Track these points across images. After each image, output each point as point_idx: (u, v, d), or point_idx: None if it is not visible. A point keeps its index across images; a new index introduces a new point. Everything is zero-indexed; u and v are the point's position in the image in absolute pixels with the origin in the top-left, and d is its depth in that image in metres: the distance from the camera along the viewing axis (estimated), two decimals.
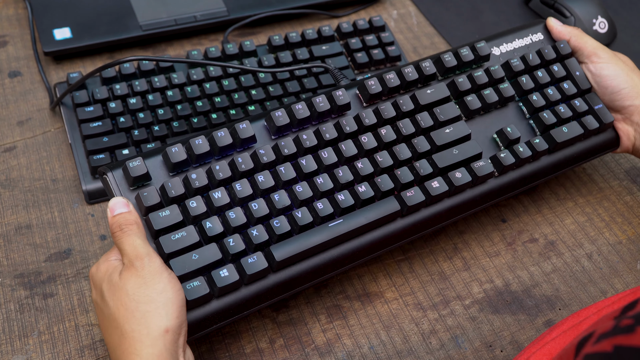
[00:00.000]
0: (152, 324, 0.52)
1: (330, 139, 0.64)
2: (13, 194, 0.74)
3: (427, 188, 0.64)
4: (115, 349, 0.53)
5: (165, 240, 0.57)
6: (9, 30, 0.91)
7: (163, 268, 0.55)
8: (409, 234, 0.65)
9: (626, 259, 0.73)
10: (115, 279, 0.55)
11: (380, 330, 0.66)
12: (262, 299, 0.59)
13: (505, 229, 0.75)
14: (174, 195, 0.59)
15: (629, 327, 0.39)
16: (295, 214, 0.60)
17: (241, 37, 0.93)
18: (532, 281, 0.71)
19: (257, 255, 0.58)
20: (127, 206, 0.58)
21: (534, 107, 0.72)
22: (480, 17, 1.00)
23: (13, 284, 0.67)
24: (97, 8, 0.90)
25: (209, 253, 0.58)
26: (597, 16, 0.96)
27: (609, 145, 0.74)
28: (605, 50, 0.75)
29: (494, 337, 0.66)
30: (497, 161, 0.68)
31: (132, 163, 0.59)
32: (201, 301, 0.57)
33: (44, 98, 0.83)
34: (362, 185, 0.63)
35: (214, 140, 0.61)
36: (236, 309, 0.59)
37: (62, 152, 0.78)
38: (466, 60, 0.71)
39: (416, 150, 0.66)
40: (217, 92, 0.80)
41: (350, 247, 0.62)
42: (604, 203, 0.78)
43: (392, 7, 1.00)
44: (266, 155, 0.62)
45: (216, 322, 0.58)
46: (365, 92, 0.67)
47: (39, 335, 0.64)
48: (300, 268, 0.60)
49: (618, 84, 0.73)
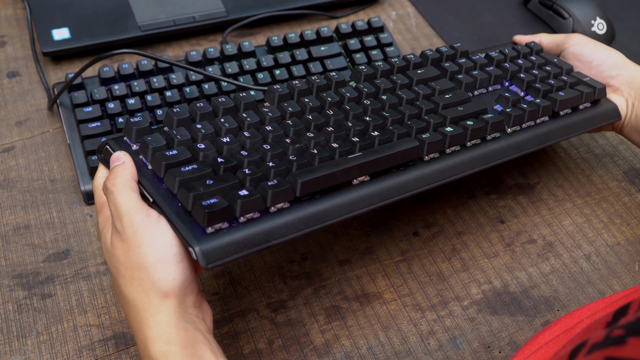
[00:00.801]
0: (150, 290, 0.50)
1: (333, 102, 0.64)
2: (11, 195, 0.74)
3: (442, 131, 0.64)
4: (128, 315, 0.52)
5: (174, 171, 0.53)
6: (8, 30, 0.91)
7: (145, 224, 0.50)
8: (433, 180, 0.62)
9: (624, 260, 0.73)
10: (108, 244, 0.52)
11: (378, 331, 0.66)
12: (289, 228, 0.54)
13: (504, 230, 0.75)
14: (180, 139, 0.56)
15: (620, 337, 0.39)
16: (311, 151, 0.58)
17: (240, 38, 0.93)
18: (531, 282, 0.71)
19: (277, 180, 0.54)
20: (120, 159, 0.54)
21: (526, 82, 0.73)
22: (478, 18, 1.00)
23: (11, 284, 0.67)
24: (95, 8, 0.90)
25: (225, 177, 0.54)
26: (595, 17, 0.96)
27: (611, 115, 0.74)
28: (576, 34, 0.78)
29: (493, 338, 0.66)
30: (507, 114, 0.68)
31: (134, 119, 0.57)
32: (223, 216, 0.51)
33: (43, 98, 0.83)
34: (376, 131, 0.62)
35: (216, 104, 0.60)
36: (262, 237, 0.53)
37: (61, 153, 0.78)
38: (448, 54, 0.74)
39: (422, 108, 0.66)
40: (215, 92, 0.80)
41: (375, 188, 0.59)
42: (602, 204, 0.78)
43: (391, 8, 1.00)
44: (271, 112, 0.61)
45: (241, 249, 0.52)
46: (359, 75, 0.68)
47: (37, 335, 0.64)
48: (326, 203, 0.56)
49: (602, 55, 0.75)
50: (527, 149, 0.69)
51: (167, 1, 0.92)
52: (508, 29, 0.98)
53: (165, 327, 0.49)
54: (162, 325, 0.49)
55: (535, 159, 0.82)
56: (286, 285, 0.69)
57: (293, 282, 0.69)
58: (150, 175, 0.55)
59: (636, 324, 0.40)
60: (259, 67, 0.83)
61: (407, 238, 0.74)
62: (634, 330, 0.39)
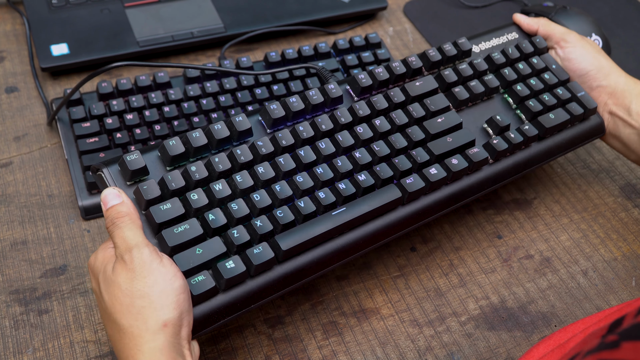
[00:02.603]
0: (149, 319, 0.51)
1: (326, 130, 0.65)
2: (9, 210, 0.74)
3: (426, 174, 0.65)
4: (117, 343, 0.52)
5: (168, 233, 0.56)
6: (7, 45, 0.91)
7: (152, 257, 0.53)
8: (411, 222, 0.65)
9: (621, 275, 0.73)
10: (109, 272, 0.53)
11: (376, 347, 0.66)
12: (268, 291, 0.59)
13: (501, 245, 0.75)
14: (175, 187, 0.58)
15: (614, 342, 0.39)
16: (297, 204, 0.60)
17: (238, 54, 0.94)
18: (528, 297, 0.71)
19: (262, 246, 0.58)
20: (119, 197, 0.56)
21: (519, 97, 0.74)
22: (475, 33, 1.00)
23: (8, 300, 0.67)
24: (94, 24, 0.90)
25: (214, 246, 0.57)
26: (591, 34, 0.96)
27: (595, 132, 0.75)
28: (572, 34, 0.78)
29: (490, 353, 0.66)
30: (491, 147, 0.69)
31: (129, 157, 0.58)
32: (207, 295, 0.56)
33: (41, 114, 0.83)
34: (362, 174, 0.63)
35: (211, 134, 0.61)
36: (243, 303, 0.58)
37: (59, 168, 0.78)
38: (450, 54, 0.74)
39: (411, 139, 0.67)
40: (213, 108, 0.80)
41: (354, 237, 0.62)
42: (599, 220, 0.78)
43: (388, 24, 1.01)
44: (264, 147, 0.62)
45: (223, 317, 0.57)
46: (356, 85, 0.69)
47: (34, 351, 0.63)
48: (306, 258, 0.60)
49: (585, 66, 0.75)
50: (505, 179, 0.71)
51: (166, 17, 0.92)
52: None
53: (158, 355, 0.50)
54: (155, 353, 0.50)
55: (532, 174, 0.83)
56: (283, 301, 0.69)
57: (290, 298, 0.69)
58: (142, 220, 0.58)
59: (630, 329, 0.40)
60: (256, 83, 0.84)
61: (405, 253, 0.74)
62: (628, 335, 0.39)
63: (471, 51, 0.75)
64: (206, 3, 0.95)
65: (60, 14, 0.91)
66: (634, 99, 0.73)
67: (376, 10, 1.00)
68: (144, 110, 0.79)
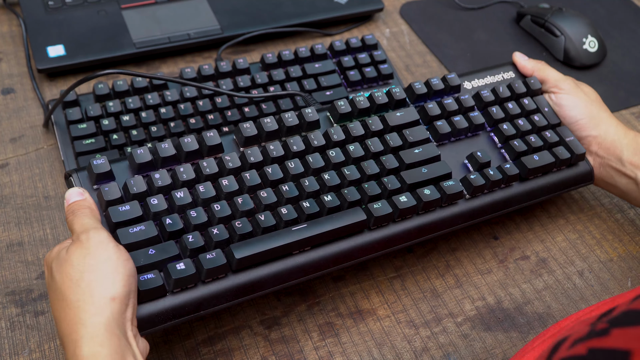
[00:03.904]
0: (96, 292, 0.52)
1: (297, 151, 0.65)
2: (5, 211, 0.74)
3: (395, 202, 0.64)
4: (61, 322, 0.53)
5: (122, 232, 0.57)
6: (3, 47, 0.91)
7: (109, 239, 0.55)
8: (378, 247, 0.65)
9: (617, 276, 0.73)
10: (62, 254, 0.55)
11: (372, 348, 0.66)
12: (220, 299, 0.59)
13: (497, 246, 0.75)
14: (136, 192, 0.59)
15: (604, 330, 0.39)
16: (258, 217, 0.60)
17: (234, 55, 0.94)
18: (524, 298, 0.71)
19: (216, 252, 0.58)
20: (81, 195, 0.59)
21: (505, 136, 0.72)
22: (472, 35, 1.01)
23: (4, 301, 0.67)
24: (91, 26, 0.90)
25: (167, 248, 0.58)
26: (587, 35, 0.97)
27: (583, 179, 0.74)
28: (567, 81, 0.77)
29: (486, 354, 0.66)
30: (467, 182, 0.68)
31: (96, 161, 0.60)
32: (155, 293, 0.56)
33: (37, 115, 0.83)
34: (329, 195, 0.63)
35: (180, 146, 0.62)
36: (193, 307, 0.58)
37: (55, 169, 0.78)
38: (436, 89, 0.73)
39: (384, 166, 0.66)
40: (210, 109, 0.80)
41: (316, 255, 0.62)
42: (595, 221, 0.78)
43: (385, 25, 1.01)
44: (232, 162, 0.63)
45: (171, 319, 0.57)
46: (335, 112, 0.69)
47: (30, 353, 0.63)
48: (263, 271, 0.60)
49: (575, 114, 0.75)
50: (483, 216, 0.69)
51: (162, 18, 0.92)
52: (501, 46, 0.99)
53: (102, 330, 0.51)
54: (99, 327, 0.51)
55: None
56: (280, 302, 0.69)
57: (287, 299, 0.69)
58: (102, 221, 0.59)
59: (620, 317, 0.40)
60: (253, 84, 0.84)
61: (401, 254, 0.74)
62: (618, 322, 0.39)
63: (460, 86, 0.74)
64: (203, 4, 0.95)
65: (57, 15, 0.91)
66: (624, 148, 0.72)
67: (373, 11, 1.00)
68: (140, 112, 0.79)
